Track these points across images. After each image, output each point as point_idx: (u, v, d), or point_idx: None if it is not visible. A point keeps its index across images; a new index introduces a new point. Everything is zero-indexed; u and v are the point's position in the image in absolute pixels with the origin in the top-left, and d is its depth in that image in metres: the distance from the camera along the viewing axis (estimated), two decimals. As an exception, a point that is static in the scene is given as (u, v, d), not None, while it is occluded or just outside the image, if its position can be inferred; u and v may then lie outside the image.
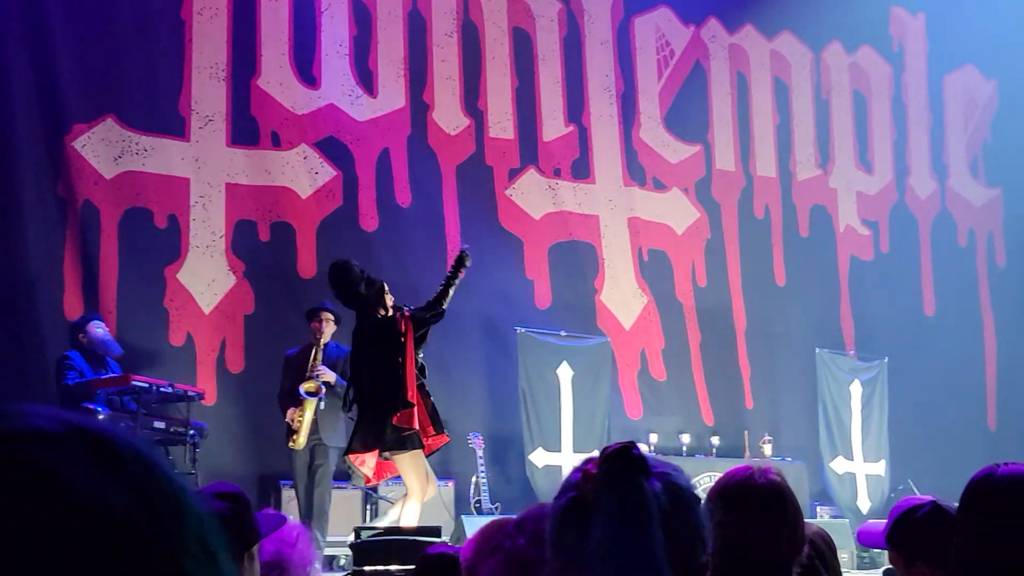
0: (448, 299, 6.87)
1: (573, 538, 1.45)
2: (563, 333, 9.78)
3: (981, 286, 12.71)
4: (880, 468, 10.74)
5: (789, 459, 10.03)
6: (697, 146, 11.29)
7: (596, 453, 1.57)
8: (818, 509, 10.13)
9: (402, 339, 6.68)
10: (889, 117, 12.43)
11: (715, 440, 10.36)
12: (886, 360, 11.02)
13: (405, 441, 6.62)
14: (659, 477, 1.49)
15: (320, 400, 7.68)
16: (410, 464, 6.69)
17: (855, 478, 10.59)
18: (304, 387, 7.59)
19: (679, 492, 1.49)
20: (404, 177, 9.82)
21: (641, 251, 10.82)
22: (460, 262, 6.97)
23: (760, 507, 2.53)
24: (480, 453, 8.90)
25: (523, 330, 9.60)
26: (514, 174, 10.35)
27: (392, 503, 8.23)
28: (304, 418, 7.59)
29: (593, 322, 10.43)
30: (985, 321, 12.59)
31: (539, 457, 9.39)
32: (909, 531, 2.87)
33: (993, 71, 12.73)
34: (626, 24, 11.07)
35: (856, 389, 10.80)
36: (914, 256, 12.42)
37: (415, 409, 6.59)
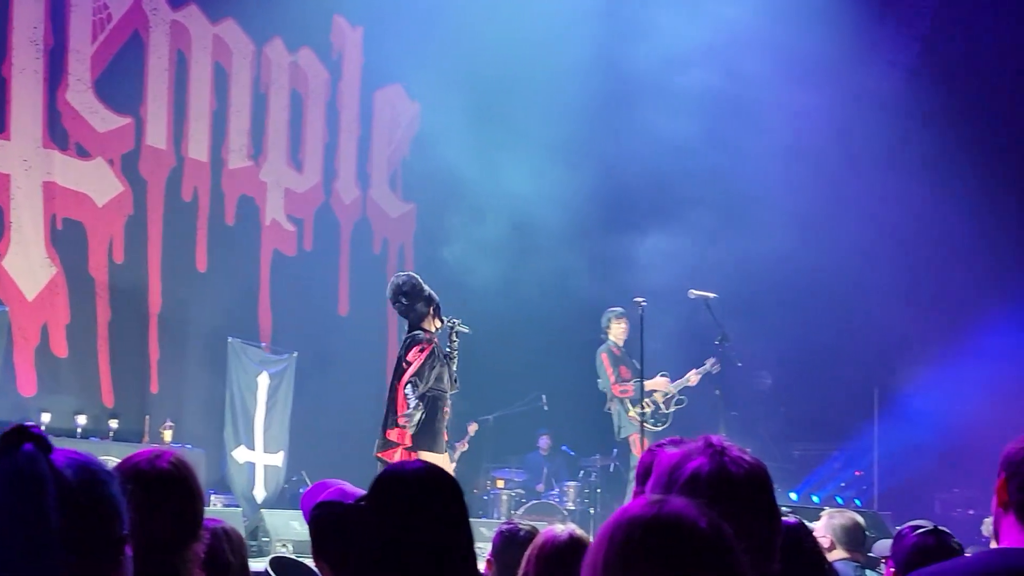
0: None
1: None
2: (-47, 299, 8.73)
3: None
4: (278, 459, 10.83)
5: (189, 446, 9.83)
6: (128, 118, 10.73)
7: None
8: (212, 497, 10.00)
9: (404, 364, 7.64)
10: (323, 121, 12.64)
11: (113, 423, 9.86)
12: (295, 354, 11.14)
13: (418, 443, 7.65)
14: (64, 454, 1.51)
15: None
16: None
17: (254, 467, 10.61)
18: None
19: (86, 467, 1.53)
20: None
21: (55, 219, 10.05)
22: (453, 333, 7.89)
23: (145, 493, 2.42)
24: None
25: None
26: (-86, 117, 9.07)
27: None
28: None
29: (-8, 290, 9.44)
30: (390, 328, 12.93)
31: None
32: (323, 530, 2.88)
33: (417, 94, 13.35)
34: (61, -23, 10.21)
35: (264, 380, 10.81)
36: (334, 257, 12.69)
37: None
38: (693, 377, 10.33)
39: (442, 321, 7.89)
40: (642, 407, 10.00)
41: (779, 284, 12.13)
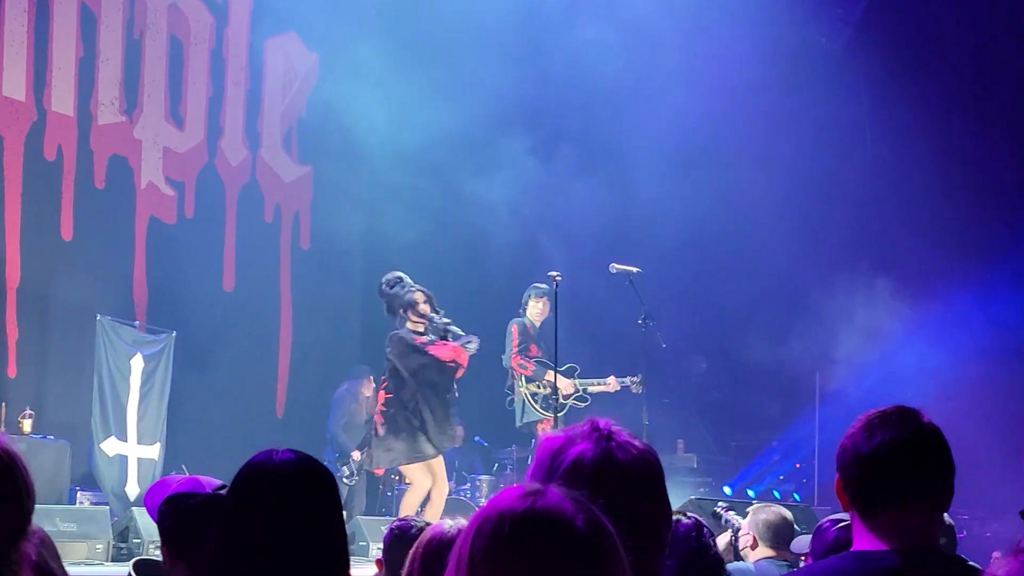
0: None
1: None
2: None
3: (283, 268, 13.10)
4: (154, 451, 10.66)
5: (51, 437, 9.74)
6: (-18, 68, 10.52)
7: None
8: (79, 494, 9.95)
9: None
10: (207, 71, 12.39)
11: (-37, 411, 9.76)
12: (174, 334, 10.98)
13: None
14: None
15: None
16: None
17: (126, 461, 10.43)
18: None
19: None
20: None
21: None
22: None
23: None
24: None
25: None
26: None
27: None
28: None
29: None
30: (283, 305, 13.03)
31: None
32: (181, 523, 2.88)
33: (316, 44, 13.15)
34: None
35: (138, 363, 10.62)
36: (219, 226, 12.48)
37: None
38: (613, 383, 10.48)
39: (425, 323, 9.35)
40: (537, 387, 10.10)
41: (709, 253, 12.45)
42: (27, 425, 9.66)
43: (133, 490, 10.34)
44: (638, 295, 10.35)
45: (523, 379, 10.23)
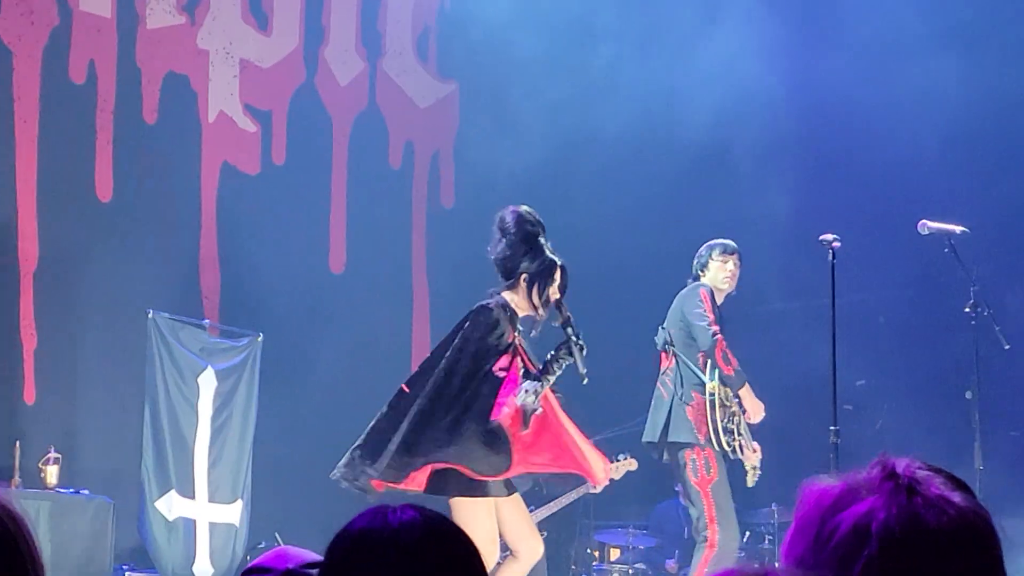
0: None
1: None
2: None
3: (416, 237, 13.04)
4: (235, 513, 10.51)
5: (86, 492, 9.63)
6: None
7: None
8: None
9: None
10: (304, -50, 12.39)
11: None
12: (260, 338, 10.77)
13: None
14: None
15: None
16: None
17: (194, 527, 10.30)
18: None
19: None
20: None
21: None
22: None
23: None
24: None
25: None
26: None
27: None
28: None
29: None
30: (417, 293, 13.03)
31: None
32: None
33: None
34: None
35: (209, 382, 10.44)
36: (322, 176, 12.37)
37: None
38: (750, 454, 9.26)
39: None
40: (726, 398, 9.16)
41: None
42: (51, 474, 9.63)
43: (205, 568, 10.26)
44: (964, 268, 9.65)
45: (718, 373, 9.25)
